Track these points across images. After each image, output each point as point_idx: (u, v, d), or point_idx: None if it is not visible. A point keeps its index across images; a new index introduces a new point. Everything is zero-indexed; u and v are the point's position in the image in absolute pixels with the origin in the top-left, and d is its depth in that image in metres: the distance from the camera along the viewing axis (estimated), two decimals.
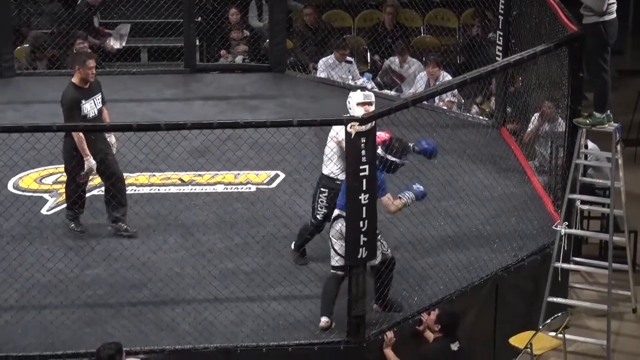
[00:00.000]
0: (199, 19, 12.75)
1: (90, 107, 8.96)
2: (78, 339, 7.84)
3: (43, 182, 9.93)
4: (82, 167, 8.92)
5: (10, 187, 9.78)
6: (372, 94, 8.61)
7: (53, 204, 9.54)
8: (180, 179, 9.99)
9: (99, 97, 9.06)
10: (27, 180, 9.95)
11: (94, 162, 8.87)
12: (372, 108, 8.42)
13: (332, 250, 8.04)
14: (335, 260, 8.01)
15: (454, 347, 7.83)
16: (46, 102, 10.96)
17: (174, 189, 9.90)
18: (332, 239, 8.04)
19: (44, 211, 9.43)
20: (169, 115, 11.08)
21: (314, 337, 7.90)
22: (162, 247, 8.91)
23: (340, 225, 7.95)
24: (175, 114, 11.17)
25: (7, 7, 12.02)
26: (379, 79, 12.45)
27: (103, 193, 9.19)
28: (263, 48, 12.93)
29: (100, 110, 9.08)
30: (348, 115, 8.17)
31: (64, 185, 9.20)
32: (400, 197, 8.18)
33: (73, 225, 9.12)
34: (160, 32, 12.61)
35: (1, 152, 8.47)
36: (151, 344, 7.80)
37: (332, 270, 8.06)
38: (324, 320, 7.99)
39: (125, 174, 9.59)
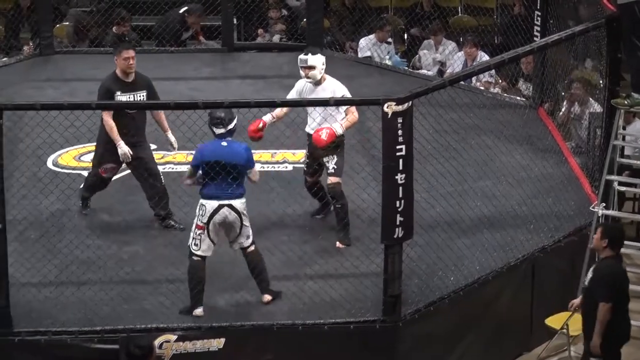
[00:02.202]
0: None
1: (126, 100, 8.82)
2: (116, 315, 7.91)
3: (82, 160, 10.00)
4: (110, 160, 8.87)
5: (49, 164, 9.87)
6: (308, 57, 8.63)
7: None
8: None
9: (141, 94, 8.89)
10: (66, 158, 10.04)
11: (126, 148, 8.76)
12: (311, 72, 8.58)
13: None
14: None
15: None
16: (85, 80, 11.04)
17: None
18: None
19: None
20: (207, 93, 11.11)
21: (350, 316, 7.93)
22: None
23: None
24: (213, 92, 11.20)
25: None
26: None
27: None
28: (300, 27, 12.93)
29: None
30: (384, 95, 8.18)
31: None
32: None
33: (80, 205, 9.12)
34: (202, 14, 12.64)
35: (40, 130, 8.55)
36: (188, 321, 7.86)
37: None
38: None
39: (162, 152, 9.66)
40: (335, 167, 8.71)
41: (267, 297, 8.07)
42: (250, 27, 13.08)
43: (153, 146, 9.33)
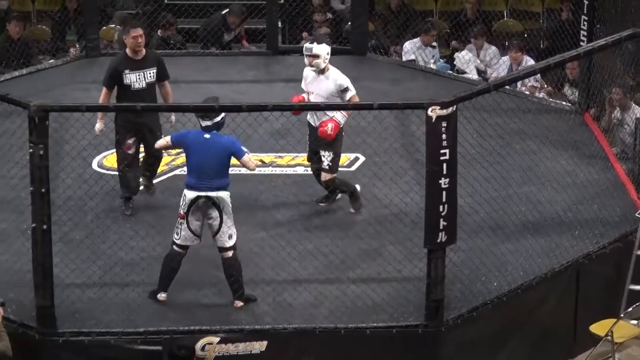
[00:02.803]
0: (282, 1, 12.80)
1: (136, 78, 9.07)
2: (159, 316, 7.95)
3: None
4: (127, 135, 9.02)
5: (94, 165, 9.94)
6: (313, 46, 8.81)
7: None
8: (261, 160, 10.03)
9: (151, 71, 9.12)
10: (111, 159, 10.08)
11: (100, 125, 8.98)
12: (315, 60, 8.76)
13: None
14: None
15: None
16: None
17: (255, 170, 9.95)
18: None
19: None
20: (251, 96, 11.14)
21: (393, 320, 7.92)
22: (242, 227, 8.95)
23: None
24: (257, 95, 11.23)
25: None
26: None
27: (185, 173, 9.26)
28: (345, 30, 12.93)
29: (150, 84, 9.15)
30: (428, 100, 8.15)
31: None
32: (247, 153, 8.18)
33: (123, 207, 9.19)
34: (243, 14, 12.68)
35: (86, 131, 8.61)
36: (230, 323, 7.88)
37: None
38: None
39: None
40: (331, 163, 8.86)
41: (239, 303, 8.07)
42: (295, 30, 13.10)
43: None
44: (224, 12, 12.67)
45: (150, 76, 9.13)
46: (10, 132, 8.71)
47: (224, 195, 7.95)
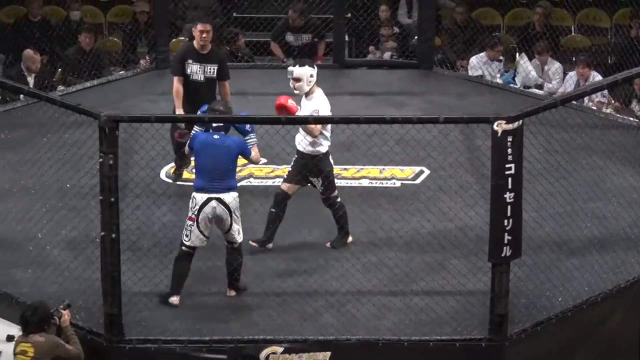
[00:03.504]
0: (349, 15, 12.88)
1: (197, 70, 9.39)
2: (224, 325, 8.02)
3: (194, 172, 10.15)
4: (177, 129, 9.27)
5: (162, 175, 10.07)
6: (294, 69, 8.69)
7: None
8: None
9: (212, 67, 9.39)
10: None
11: (179, 112, 9.31)
12: (298, 83, 8.64)
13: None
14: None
15: None
16: None
17: None
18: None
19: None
20: None
21: (456, 334, 7.92)
22: (307, 238, 9.05)
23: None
24: None
25: (163, 0, 12.33)
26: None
27: (250, 183, 9.39)
28: (411, 45, 12.97)
29: (209, 79, 9.42)
30: (494, 114, 8.16)
31: None
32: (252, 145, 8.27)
33: (172, 175, 9.59)
34: (310, 28, 12.79)
35: (155, 142, 8.73)
36: (294, 334, 7.93)
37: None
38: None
39: (272, 166, 9.80)
40: (326, 184, 8.77)
41: (232, 292, 8.26)
42: (362, 44, 13.17)
43: (263, 160, 9.46)
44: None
45: (210, 72, 9.37)
46: (81, 142, 8.89)
47: (234, 195, 8.08)
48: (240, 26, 13.00)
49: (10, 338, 7.90)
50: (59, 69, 12.52)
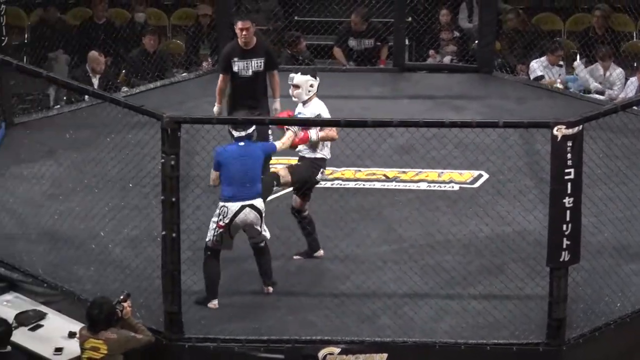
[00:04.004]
0: (410, 19, 12.91)
1: (243, 66, 9.55)
2: (282, 325, 8.09)
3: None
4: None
5: None
6: (295, 76, 8.64)
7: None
8: (385, 175, 10.15)
9: (258, 61, 9.53)
10: None
11: (217, 109, 9.65)
12: (297, 91, 8.59)
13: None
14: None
15: None
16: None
17: (378, 185, 10.08)
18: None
19: None
20: (376, 112, 11.25)
21: (513, 338, 7.91)
22: (365, 241, 9.10)
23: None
24: (382, 111, 11.34)
25: (225, 3, 12.46)
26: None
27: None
28: (472, 49, 12.97)
29: (257, 73, 9.56)
30: (554, 119, 8.15)
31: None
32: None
33: None
34: (372, 32, 12.84)
35: (216, 143, 8.78)
36: (351, 335, 7.97)
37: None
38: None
39: (331, 169, 9.86)
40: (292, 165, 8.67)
41: (270, 289, 8.36)
42: (422, 48, 13.19)
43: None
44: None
45: (257, 65, 9.53)
46: (144, 142, 9.00)
47: (261, 200, 8.18)
48: (302, 29, 13.07)
49: (72, 334, 8.06)
50: (123, 71, 12.69)
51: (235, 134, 8.20)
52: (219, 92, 9.78)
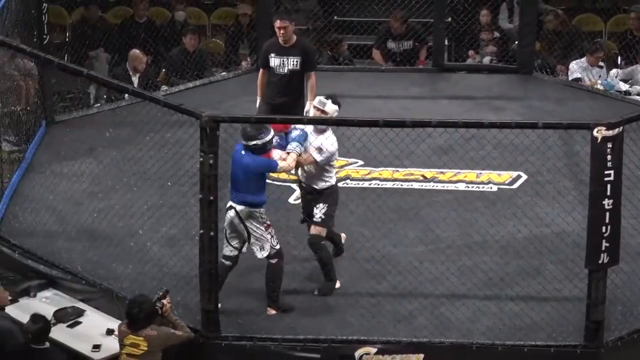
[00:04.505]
0: (449, 19, 12.88)
1: (278, 62, 9.58)
2: (318, 325, 8.11)
3: (291, 173, 10.27)
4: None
5: None
6: (329, 102, 8.39)
7: (300, 195, 9.86)
8: (423, 176, 10.14)
9: (295, 59, 9.54)
10: None
11: (258, 102, 9.67)
12: (321, 114, 8.34)
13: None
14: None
15: None
16: None
17: (416, 185, 10.07)
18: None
19: (291, 200, 9.77)
20: (415, 112, 11.21)
21: (551, 340, 7.89)
22: (402, 241, 9.09)
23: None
24: (421, 111, 11.31)
25: (265, 3, 12.48)
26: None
27: (347, 185, 9.46)
28: (511, 50, 12.92)
29: (294, 72, 9.57)
30: (594, 120, 8.10)
31: None
32: (289, 152, 8.26)
33: None
34: (410, 33, 12.82)
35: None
36: (388, 335, 7.98)
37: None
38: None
39: (369, 168, 9.86)
40: (323, 216, 8.44)
41: (271, 311, 8.22)
42: (461, 48, 13.16)
43: (360, 162, 9.51)
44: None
45: (293, 64, 9.53)
46: (183, 141, 9.03)
47: (250, 210, 8.09)
48: (341, 29, 13.07)
49: (110, 332, 8.12)
50: (163, 69, 12.75)
51: (242, 140, 8.15)
52: (258, 85, 9.87)
